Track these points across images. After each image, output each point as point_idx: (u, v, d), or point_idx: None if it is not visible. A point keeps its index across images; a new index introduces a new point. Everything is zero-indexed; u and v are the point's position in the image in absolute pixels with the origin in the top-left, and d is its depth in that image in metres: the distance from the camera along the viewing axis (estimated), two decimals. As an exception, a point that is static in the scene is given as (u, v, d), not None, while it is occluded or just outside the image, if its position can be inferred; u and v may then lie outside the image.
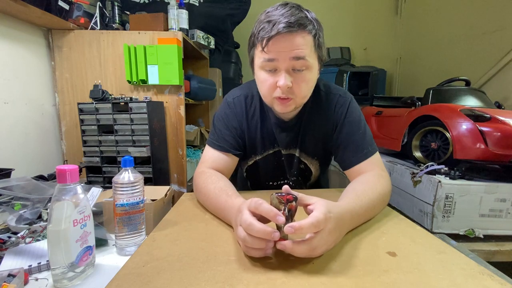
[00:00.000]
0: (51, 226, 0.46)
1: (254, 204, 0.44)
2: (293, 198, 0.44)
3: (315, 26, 0.62)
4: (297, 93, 0.65)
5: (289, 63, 0.61)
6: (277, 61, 0.62)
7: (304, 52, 0.61)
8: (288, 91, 0.64)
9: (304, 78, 0.64)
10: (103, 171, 1.23)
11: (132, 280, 0.40)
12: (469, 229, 1.11)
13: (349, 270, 0.42)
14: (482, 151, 1.08)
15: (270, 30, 0.59)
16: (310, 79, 0.66)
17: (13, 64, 1.17)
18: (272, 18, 0.60)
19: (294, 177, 0.88)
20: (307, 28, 0.60)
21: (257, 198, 0.45)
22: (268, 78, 0.65)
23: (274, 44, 0.60)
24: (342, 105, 0.76)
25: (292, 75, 0.63)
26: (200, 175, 0.71)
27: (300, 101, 0.68)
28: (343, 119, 0.75)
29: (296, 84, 0.64)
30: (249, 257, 0.45)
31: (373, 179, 0.66)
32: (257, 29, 0.63)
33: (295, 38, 0.59)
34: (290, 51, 0.60)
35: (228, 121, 0.78)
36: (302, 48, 0.60)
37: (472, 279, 0.40)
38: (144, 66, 1.37)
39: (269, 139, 0.81)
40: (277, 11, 0.61)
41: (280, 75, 0.62)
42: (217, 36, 2.10)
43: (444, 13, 2.43)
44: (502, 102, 1.56)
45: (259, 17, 0.64)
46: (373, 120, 1.88)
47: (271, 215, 0.42)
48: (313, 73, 0.66)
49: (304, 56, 0.61)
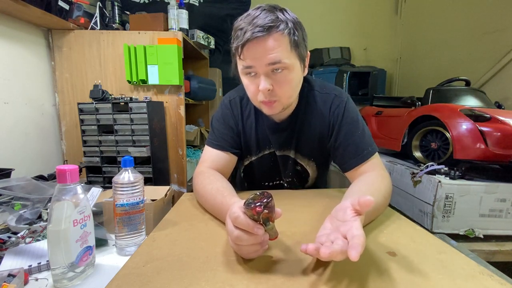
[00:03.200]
0: (51, 226, 0.46)
1: (232, 218, 0.42)
2: (262, 207, 0.40)
3: (289, 25, 0.61)
4: (280, 94, 0.65)
5: (266, 68, 0.61)
6: (254, 67, 0.62)
7: (279, 55, 0.60)
8: (270, 93, 0.64)
9: (285, 78, 0.63)
10: (103, 171, 1.23)
11: (132, 280, 0.40)
12: (469, 229, 1.11)
13: (349, 270, 0.42)
14: (482, 151, 1.08)
15: (242, 37, 0.59)
16: (292, 79, 0.65)
17: (13, 64, 1.17)
18: (242, 26, 0.60)
19: (289, 178, 0.87)
20: (279, 29, 0.59)
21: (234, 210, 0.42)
22: (250, 83, 0.65)
23: (248, 50, 0.60)
24: (338, 105, 0.75)
25: (272, 77, 0.63)
26: (199, 175, 0.71)
27: (285, 101, 0.68)
28: (340, 120, 0.74)
29: (277, 86, 0.63)
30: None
31: (377, 180, 0.66)
32: (233, 37, 0.64)
33: (267, 41, 0.59)
34: (264, 57, 0.60)
35: (226, 121, 0.79)
36: (275, 51, 0.59)
37: (472, 279, 0.40)
38: (144, 66, 1.37)
39: (264, 140, 0.81)
40: (249, 17, 0.61)
41: (260, 79, 0.63)
42: (217, 36, 2.10)
43: (444, 13, 2.43)
44: (502, 102, 1.56)
45: (234, 24, 0.64)
46: (373, 120, 1.88)
47: (250, 228, 0.40)
48: (294, 73, 0.65)
49: (280, 60, 0.60)
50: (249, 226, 0.40)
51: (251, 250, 0.43)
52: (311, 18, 2.88)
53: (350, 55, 2.93)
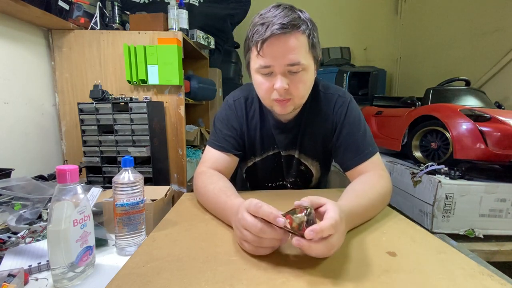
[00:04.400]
0: (51, 226, 0.46)
1: (253, 208, 0.44)
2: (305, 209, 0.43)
3: (309, 26, 0.62)
4: (295, 93, 0.65)
5: (284, 68, 0.62)
6: (272, 67, 0.62)
7: (299, 56, 0.60)
8: (286, 92, 0.64)
9: (300, 79, 0.64)
10: (103, 171, 1.23)
11: (132, 280, 0.40)
12: (469, 229, 1.11)
13: (349, 270, 0.42)
14: (482, 151, 1.08)
15: (264, 33, 0.59)
16: (307, 80, 0.66)
17: (13, 64, 1.17)
18: (265, 20, 0.60)
19: (292, 178, 0.88)
20: (300, 29, 0.60)
21: (256, 201, 0.44)
22: (264, 81, 0.65)
23: (269, 47, 0.60)
24: (341, 105, 0.76)
25: (288, 77, 0.63)
26: (200, 175, 0.71)
27: (298, 101, 0.69)
28: (342, 119, 0.75)
29: (293, 85, 0.64)
30: (249, 257, 0.45)
31: (373, 179, 0.66)
32: (251, 32, 0.63)
33: (289, 40, 0.59)
34: (284, 56, 0.60)
35: (228, 122, 0.79)
36: (295, 52, 0.60)
37: (472, 279, 0.40)
38: (144, 66, 1.37)
39: (269, 141, 0.81)
40: (270, 13, 0.61)
41: (276, 78, 0.63)
42: (217, 36, 2.10)
43: (444, 13, 2.43)
44: (502, 102, 1.56)
45: (253, 20, 0.64)
46: (373, 120, 1.88)
47: (271, 218, 0.42)
48: (309, 74, 0.65)
49: (299, 61, 0.61)
50: (271, 214, 0.41)
51: (270, 244, 0.44)
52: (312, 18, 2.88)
53: (350, 55, 2.93)
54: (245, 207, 0.46)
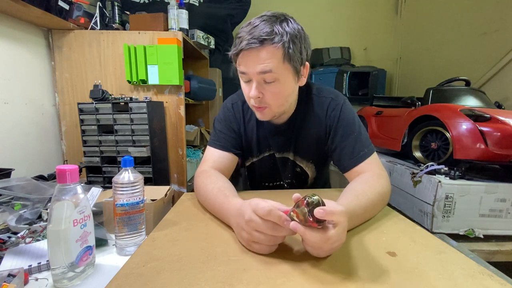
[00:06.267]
0: (51, 226, 0.46)
1: (262, 212, 0.43)
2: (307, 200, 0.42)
3: (284, 38, 0.61)
4: (270, 102, 0.68)
5: (257, 76, 0.64)
6: (248, 74, 0.65)
7: (269, 65, 0.62)
8: (260, 100, 0.67)
9: (274, 89, 0.66)
10: (103, 171, 1.23)
11: (132, 280, 0.40)
12: (469, 229, 1.11)
13: (349, 270, 0.42)
14: (482, 151, 1.08)
15: (238, 46, 0.63)
16: (282, 91, 0.67)
17: (13, 64, 1.17)
18: (240, 35, 0.63)
19: (289, 179, 0.90)
20: (273, 42, 0.61)
21: (261, 204, 0.44)
22: (245, 87, 0.69)
23: (242, 58, 0.64)
24: (334, 108, 0.77)
25: (264, 86, 0.66)
26: (200, 174, 0.72)
27: (276, 109, 0.70)
28: (336, 122, 0.76)
29: (268, 95, 0.66)
30: (249, 257, 0.46)
31: (372, 178, 0.67)
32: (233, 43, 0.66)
33: (260, 52, 0.61)
34: (255, 66, 0.62)
35: (228, 123, 0.81)
36: (267, 62, 0.61)
37: (472, 279, 0.40)
38: (144, 66, 1.37)
39: (264, 143, 0.84)
40: (247, 27, 0.63)
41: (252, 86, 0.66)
42: (217, 36, 2.10)
43: (444, 13, 2.43)
44: (502, 102, 1.56)
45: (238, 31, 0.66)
46: (373, 120, 1.88)
47: (281, 221, 0.43)
48: (285, 85, 0.66)
49: (270, 70, 0.62)
50: (281, 217, 0.42)
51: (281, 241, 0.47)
52: (312, 18, 2.88)
53: (350, 55, 2.93)
54: (251, 209, 0.45)
